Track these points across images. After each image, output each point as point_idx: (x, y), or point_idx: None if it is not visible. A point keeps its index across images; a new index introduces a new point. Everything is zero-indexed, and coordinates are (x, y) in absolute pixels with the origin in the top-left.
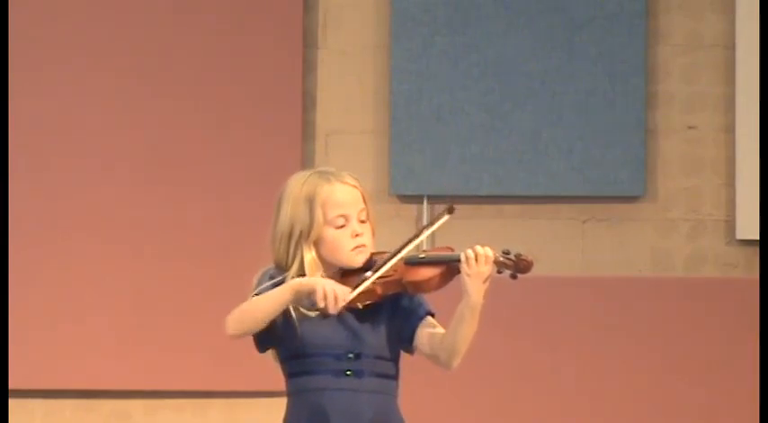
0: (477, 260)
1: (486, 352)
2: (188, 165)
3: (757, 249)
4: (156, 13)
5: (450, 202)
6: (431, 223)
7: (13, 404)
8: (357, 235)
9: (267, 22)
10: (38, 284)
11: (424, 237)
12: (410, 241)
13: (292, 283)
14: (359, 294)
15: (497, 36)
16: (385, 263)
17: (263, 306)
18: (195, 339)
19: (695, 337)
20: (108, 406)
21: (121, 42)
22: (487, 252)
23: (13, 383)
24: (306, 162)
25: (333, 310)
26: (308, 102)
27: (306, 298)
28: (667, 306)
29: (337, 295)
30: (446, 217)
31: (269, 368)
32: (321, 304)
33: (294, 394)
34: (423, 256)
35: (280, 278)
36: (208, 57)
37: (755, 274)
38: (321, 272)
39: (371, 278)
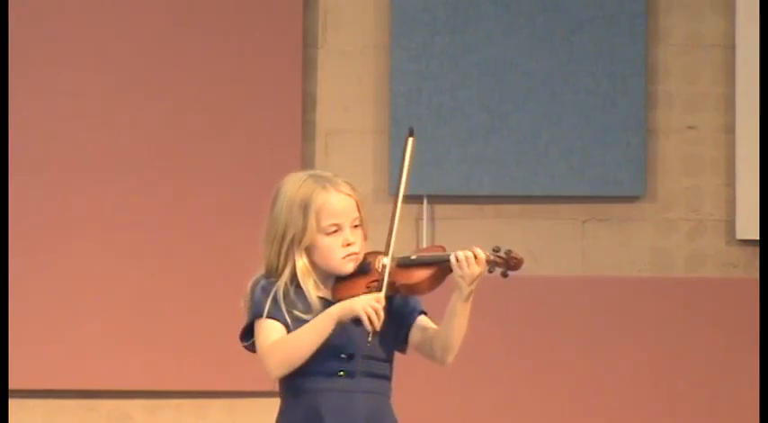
0: (467, 262)
1: (486, 352)
2: (188, 165)
3: (757, 249)
4: (156, 13)
5: (449, 201)
6: (403, 157)
7: (13, 404)
8: (349, 244)
9: (267, 22)
10: (38, 284)
11: (405, 174)
12: (396, 198)
13: (333, 313)
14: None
15: (497, 36)
16: (388, 243)
17: (306, 343)
18: (195, 339)
19: (695, 337)
20: (108, 406)
21: (121, 42)
22: (478, 253)
23: (13, 383)
24: (306, 162)
25: (379, 325)
26: (308, 102)
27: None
28: (667, 306)
29: (377, 309)
30: (411, 140)
31: None
32: (369, 328)
33: (288, 395)
34: (414, 257)
35: (274, 289)
36: (208, 57)
37: (755, 274)
38: (313, 278)
39: (387, 267)
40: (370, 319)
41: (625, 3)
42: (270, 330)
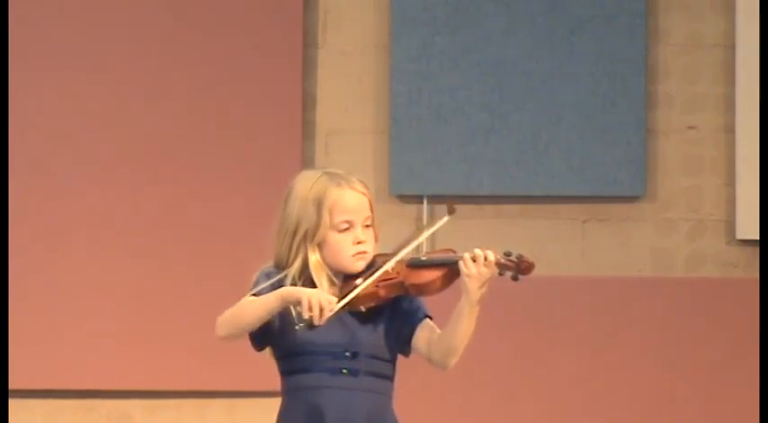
0: (475, 261)
1: (486, 352)
2: (188, 165)
3: (757, 249)
4: (156, 13)
5: (449, 201)
6: (431, 225)
7: (13, 404)
8: (359, 242)
9: (267, 22)
10: (38, 284)
11: (423, 238)
12: (408, 243)
13: (280, 292)
14: (360, 298)
15: (497, 36)
16: (377, 269)
17: (251, 311)
18: (195, 339)
19: (695, 337)
20: (108, 406)
21: (121, 42)
22: (488, 254)
23: (13, 383)
24: (306, 162)
25: (318, 321)
26: (308, 102)
27: (293, 307)
28: (667, 306)
29: (323, 306)
30: (447, 218)
31: (268, 368)
32: (306, 315)
33: (289, 392)
34: (424, 258)
35: (277, 277)
36: (208, 57)
37: (755, 274)
38: (327, 273)
39: (358, 289)
40: (311, 308)
41: (625, 3)
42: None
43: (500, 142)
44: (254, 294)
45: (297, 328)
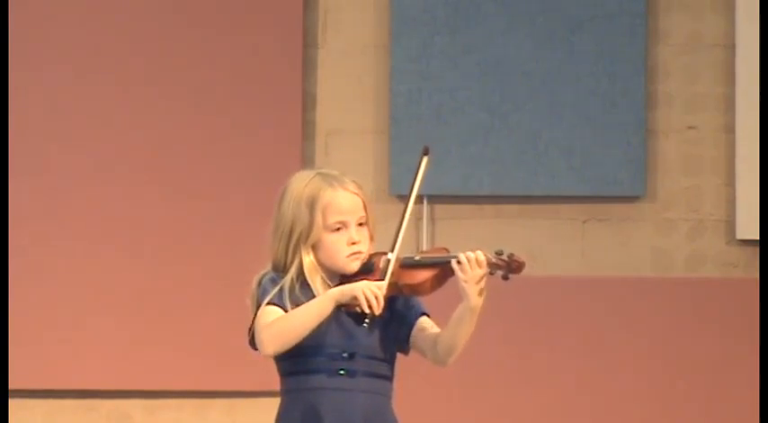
0: (470, 264)
1: (486, 352)
2: (188, 165)
3: (757, 249)
4: (156, 13)
5: (449, 201)
6: (416, 173)
7: (13, 404)
8: (354, 242)
9: (267, 22)
10: (38, 284)
11: (416, 190)
12: (406, 206)
13: (332, 294)
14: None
15: (497, 36)
16: (394, 243)
17: (305, 322)
18: (195, 339)
19: (695, 337)
20: (108, 406)
21: (121, 42)
22: (478, 255)
23: (13, 383)
24: (306, 162)
25: (379, 310)
26: (308, 102)
27: (348, 305)
28: (667, 306)
29: (377, 295)
30: (425, 159)
31: (269, 368)
32: (368, 310)
33: (288, 393)
34: (418, 258)
35: (282, 283)
36: (208, 56)
37: (755, 274)
38: (320, 275)
39: (392, 261)
40: (368, 301)
41: (625, 3)
42: (270, 314)
43: (500, 142)
44: (270, 303)
45: (365, 325)
